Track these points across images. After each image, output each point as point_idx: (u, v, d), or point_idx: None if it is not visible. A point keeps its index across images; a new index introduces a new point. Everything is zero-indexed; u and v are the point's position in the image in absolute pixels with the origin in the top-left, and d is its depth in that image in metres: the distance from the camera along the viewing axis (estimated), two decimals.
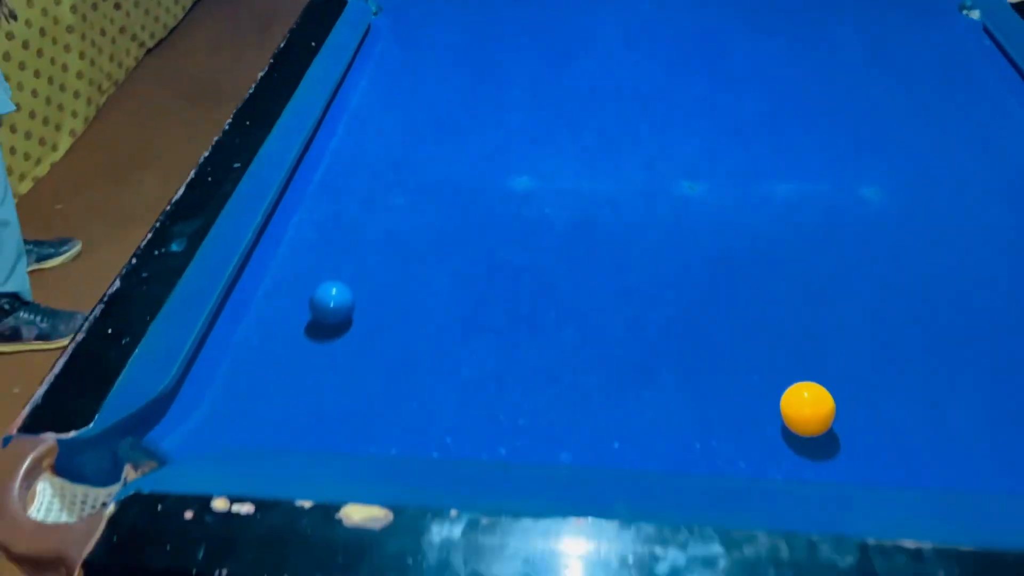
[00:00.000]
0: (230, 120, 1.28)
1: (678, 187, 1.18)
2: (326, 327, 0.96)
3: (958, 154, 1.21)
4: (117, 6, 3.11)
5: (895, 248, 1.06)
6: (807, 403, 0.81)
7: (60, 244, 2.29)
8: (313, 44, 1.48)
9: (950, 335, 0.93)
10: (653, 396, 0.87)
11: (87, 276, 2.16)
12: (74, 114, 2.84)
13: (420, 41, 1.59)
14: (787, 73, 1.42)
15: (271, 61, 1.43)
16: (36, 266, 2.19)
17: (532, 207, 1.16)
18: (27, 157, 2.60)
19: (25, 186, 2.58)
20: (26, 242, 2.05)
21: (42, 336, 1.99)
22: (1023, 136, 1.24)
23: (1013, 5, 1.50)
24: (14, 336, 1.99)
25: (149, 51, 3.39)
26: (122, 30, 3.18)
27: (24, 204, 2.43)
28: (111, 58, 3.11)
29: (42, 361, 1.31)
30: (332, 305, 0.95)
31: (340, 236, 1.11)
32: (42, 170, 2.67)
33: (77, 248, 2.31)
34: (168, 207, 1.10)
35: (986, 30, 1.50)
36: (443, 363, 0.92)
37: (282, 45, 1.49)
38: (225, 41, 3.57)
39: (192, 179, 1.15)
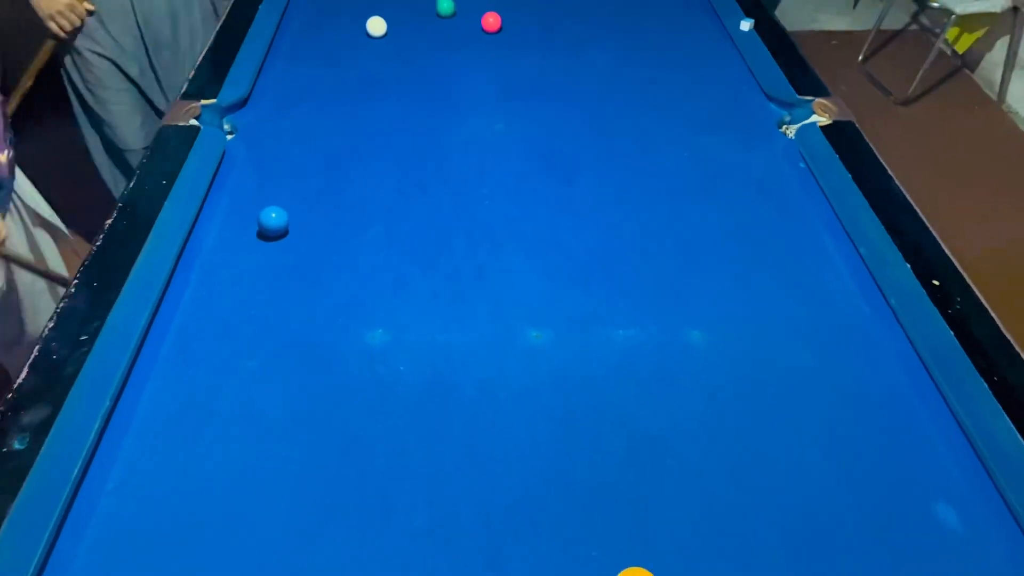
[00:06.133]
0: (76, 279, 1.26)
1: (525, 337, 1.24)
2: None
3: (772, 290, 1.34)
4: None
5: (716, 395, 1.16)
6: None
7: None
8: (164, 182, 1.47)
9: (759, 487, 1.04)
10: None
11: None
12: None
13: (275, 170, 1.60)
14: (625, 204, 1.52)
15: (119, 204, 1.42)
16: None
17: (387, 364, 1.20)
18: None
19: None
20: None
21: None
22: (829, 266, 1.38)
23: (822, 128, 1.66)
24: None
25: None
26: None
27: None
28: None
29: None
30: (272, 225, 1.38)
31: (192, 413, 1.12)
32: None
33: None
34: (11, 395, 1.08)
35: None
36: (297, 556, 0.95)
37: (131, 184, 1.47)
38: None
39: (35, 358, 1.14)
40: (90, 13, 2.08)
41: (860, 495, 1.03)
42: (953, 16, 3.39)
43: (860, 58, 3.97)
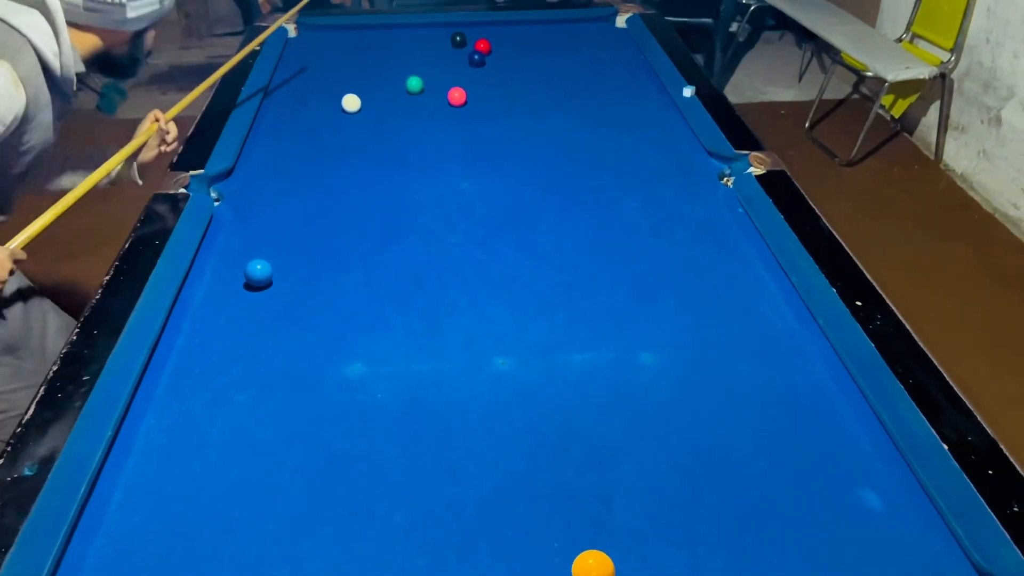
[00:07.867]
0: (78, 329, 1.37)
1: (492, 364, 1.37)
2: None
3: (715, 316, 1.48)
4: None
5: (665, 406, 1.29)
6: (592, 569, 1.00)
7: None
8: (157, 242, 1.60)
9: (705, 481, 1.15)
10: (470, 570, 1.03)
11: None
12: None
13: (260, 230, 1.73)
14: (582, 246, 1.67)
15: (116, 263, 1.54)
16: None
17: (366, 393, 1.31)
18: None
19: None
20: None
21: None
22: (764, 294, 1.53)
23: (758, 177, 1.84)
24: None
25: None
26: None
27: None
28: None
29: None
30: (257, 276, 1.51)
31: (187, 440, 1.22)
32: None
33: None
34: (19, 428, 1.18)
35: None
36: (285, 564, 1.04)
37: (126, 245, 1.60)
38: None
39: (42, 396, 1.24)
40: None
41: (795, 484, 1.15)
42: (886, 84, 3.67)
43: (807, 125, 4.24)
